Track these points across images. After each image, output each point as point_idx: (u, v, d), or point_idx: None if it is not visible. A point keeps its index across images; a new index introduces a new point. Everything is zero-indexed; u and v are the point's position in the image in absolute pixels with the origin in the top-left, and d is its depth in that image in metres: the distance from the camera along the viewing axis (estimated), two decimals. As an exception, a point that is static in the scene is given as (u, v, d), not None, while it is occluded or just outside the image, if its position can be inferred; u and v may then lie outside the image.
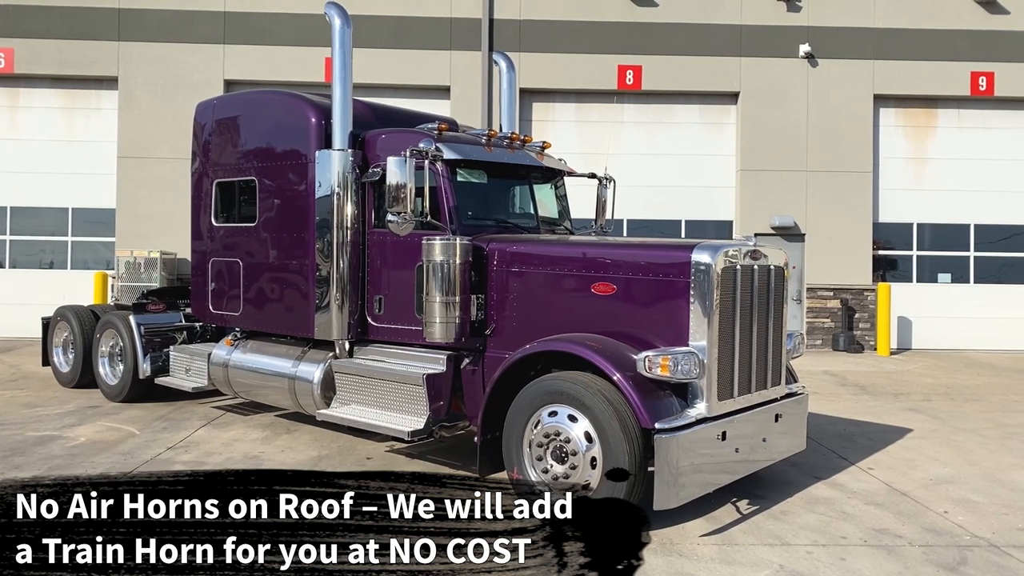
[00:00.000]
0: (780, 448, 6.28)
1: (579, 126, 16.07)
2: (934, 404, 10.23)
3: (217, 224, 8.42)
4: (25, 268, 15.92)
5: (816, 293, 15.86)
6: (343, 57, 7.25)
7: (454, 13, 15.66)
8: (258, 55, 15.51)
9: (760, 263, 5.94)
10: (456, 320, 6.27)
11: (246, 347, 8.16)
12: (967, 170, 16.29)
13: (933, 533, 5.49)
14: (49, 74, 15.69)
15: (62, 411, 8.86)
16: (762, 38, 15.88)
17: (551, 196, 7.94)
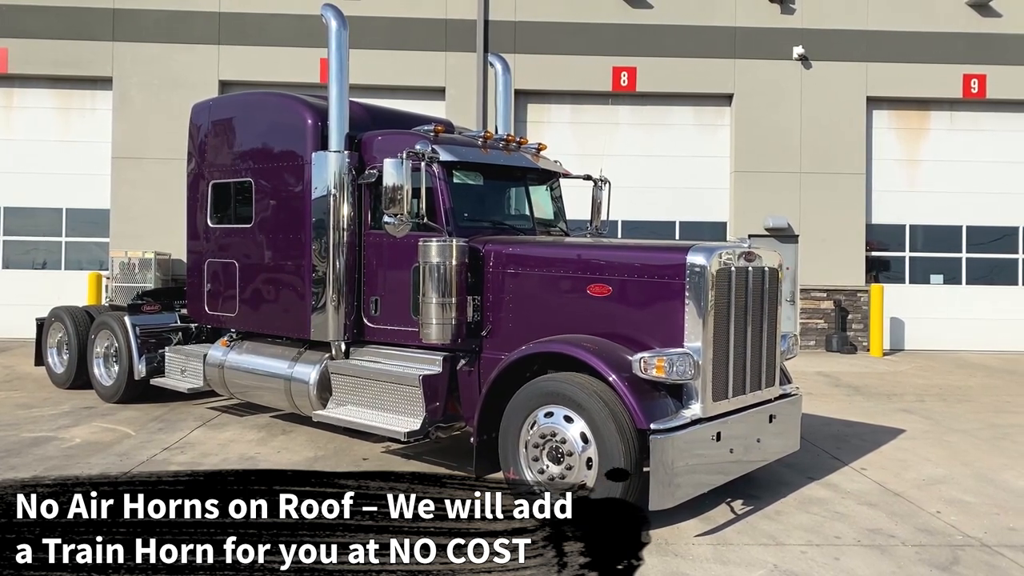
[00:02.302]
0: (774, 449, 6.32)
1: (574, 127, 16.11)
2: (927, 405, 10.29)
3: (213, 225, 8.43)
4: (19, 268, 15.87)
5: (810, 294, 15.93)
6: (339, 58, 7.26)
7: (449, 14, 15.68)
8: (253, 56, 15.49)
9: (755, 264, 5.98)
10: (452, 321, 6.30)
11: (242, 348, 8.17)
12: (959, 172, 16.37)
13: (926, 533, 5.54)
14: (43, 74, 15.65)
15: (57, 412, 8.85)
16: (756, 40, 15.95)
17: (547, 198, 7.96)
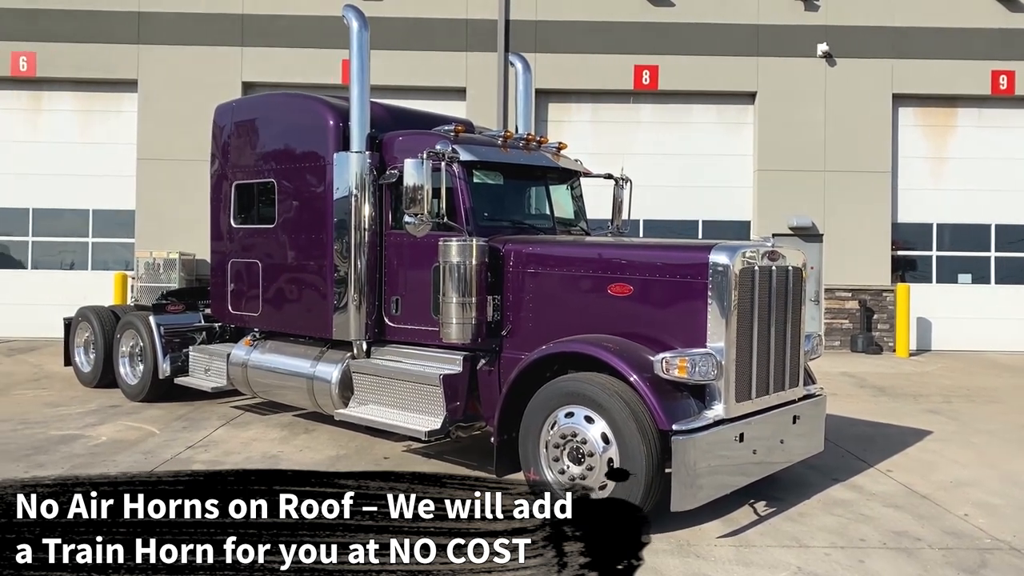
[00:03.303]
0: (798, 450, 6.26)
1: (595, 126, 16.05)
2: (954, 406, 10.14)
3: (236, 225, 8.49)
4: (47, 269, 16.12)
5: (834, 294, 15.76)
6: (360, 59, 7.29)
7: (470, 14, 15.69)
8: (276, 57, 15.61)
9: (778, 264, 5.92)
10: (472, 321, 6.29)
11: (265, 347, 8.23)
12: (988, 170, 16.12)
13: (953, 536, 5.45)
14: (70, 77, 15.87)
15: (84, 410, 8.97)
16: (779, 37, 15.80)
17: (567, 197, 7.94)
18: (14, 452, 7.12)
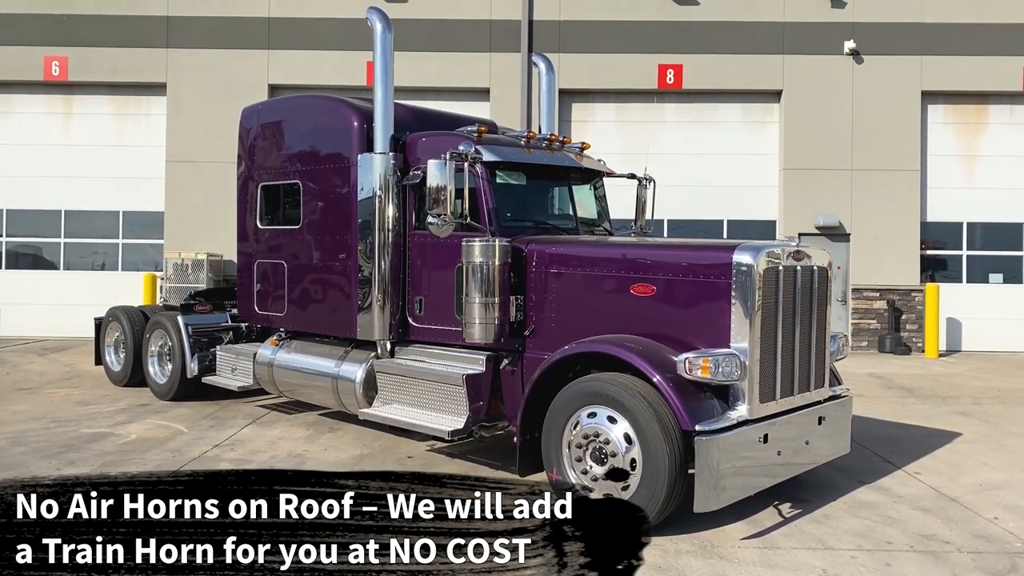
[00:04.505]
0: (823, 451, 6.20)
1: (619, 126, 16.01)
2: (984, 408, 9.98)
3: (262, 226, 8.59)
4: (79, 270, 16.42)
5: (862, 294, 15.57)
6: (384, 61, 7.34)
7: (494, 15, 15.73)
8: (302, 60, 15.76)
9: (803, 264, 5.88)
10: (495, 321, 6.31)
11: (290, 347, 8.31)
12: (1020, 167, 15.84)
13: (982, 540, 5.37)
14: (101, 81, 16.16)
15: (114, 409, 9.12)
16: (805, 35, 15.65)
17: (590, 197, 7.93)
18: (46, 450, 7.25)
